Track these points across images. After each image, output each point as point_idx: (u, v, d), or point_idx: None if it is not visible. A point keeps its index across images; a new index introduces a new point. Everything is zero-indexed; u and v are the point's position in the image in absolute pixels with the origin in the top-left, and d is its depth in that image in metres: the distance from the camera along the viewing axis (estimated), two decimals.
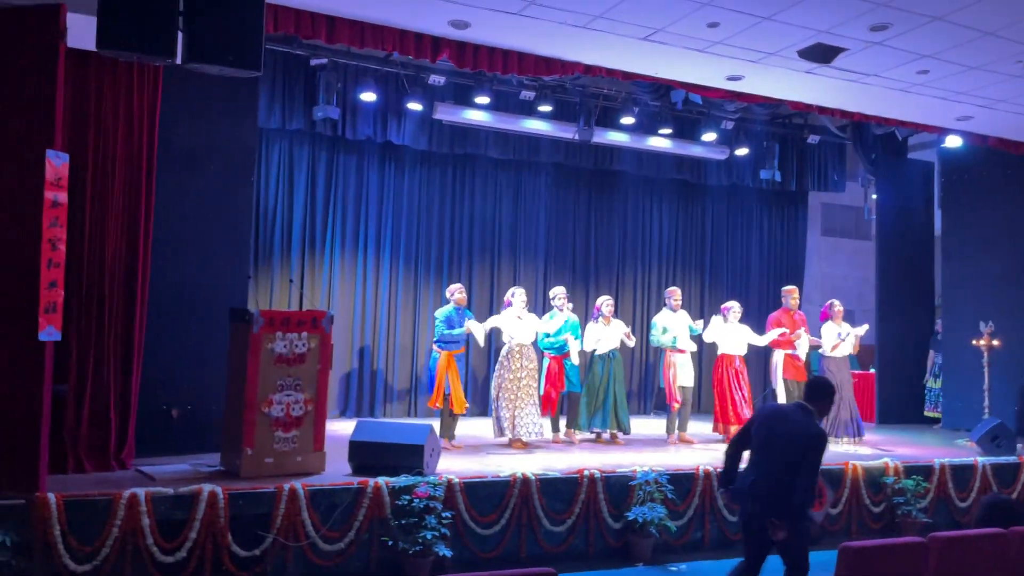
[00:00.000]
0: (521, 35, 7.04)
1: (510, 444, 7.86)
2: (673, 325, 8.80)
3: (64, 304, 5.51)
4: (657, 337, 8.88)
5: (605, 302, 8.63)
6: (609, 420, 8.39)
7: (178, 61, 4.93)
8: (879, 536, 6.71)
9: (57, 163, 5.29)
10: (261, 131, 8.74)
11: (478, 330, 7.98)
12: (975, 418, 9.50)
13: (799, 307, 9.32)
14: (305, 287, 9.72)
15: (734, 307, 9.08)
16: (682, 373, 8.76)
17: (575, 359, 8.42)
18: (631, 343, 8.72)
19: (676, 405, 8.70)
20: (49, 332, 5.27)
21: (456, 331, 7.91)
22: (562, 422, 8.52)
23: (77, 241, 6.05)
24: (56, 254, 5.31)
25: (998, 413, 9.49)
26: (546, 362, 8.46)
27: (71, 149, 5.82)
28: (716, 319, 9.11)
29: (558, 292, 8.58)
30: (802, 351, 8.95)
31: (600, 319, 8.52)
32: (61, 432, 6.00)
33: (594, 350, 8.49)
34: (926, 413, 11.33)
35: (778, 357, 9.01)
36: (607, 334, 8.47)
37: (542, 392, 8.25)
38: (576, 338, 8.41)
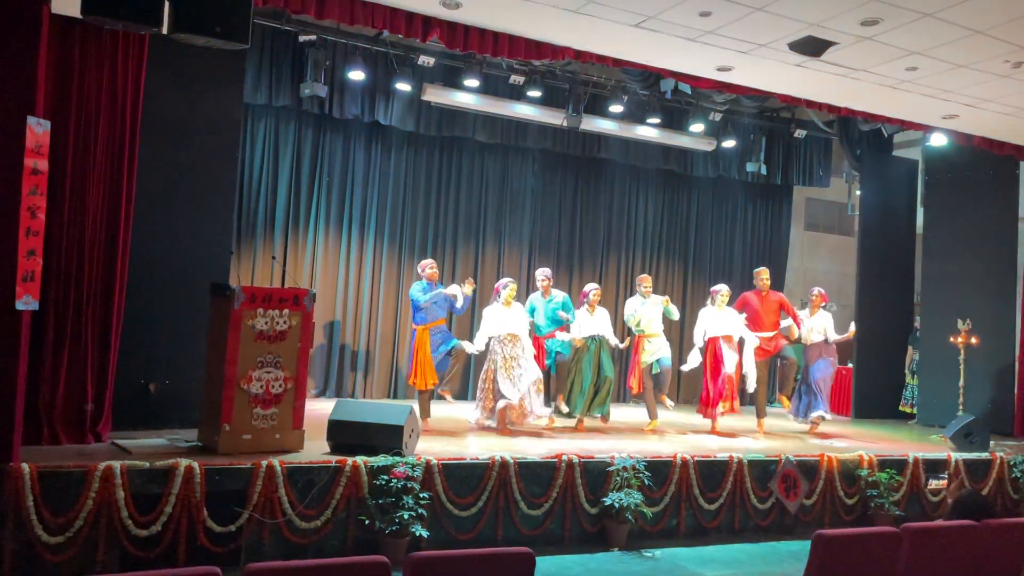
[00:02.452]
0: (513, 17, 6.99)
1: (497, 428, 7.87)
2: (641, 311, 8.87)
3: (42, 273, 5.45)
4: (629, 323, 9.01)
5: (593, 290, 8.69)
6: (595, 405, 8.42)
7: (164, 31, 4.87)
8: (851, 528, 6.79)
9: (38, 130, 5.21)
10: (247, 106, 8.66)
11: (457, 291, 8.11)
12: (950, 414, 9.60)
13: (771, 288, 9.35)
14: (288, 265, 9.67)
15: (721, 290, 9.03)
16: (648, 357, 8.82)
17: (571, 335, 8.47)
18: (618, 344, 8.81)
19: (635, 388, 8.79)
20: (26, 301, 5.21)
21: (433, 293, 7.95)
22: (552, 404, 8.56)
23: (57, 210, 5.97)
24: (35, 222, 5.24)
25: (973, 410, 9.61)
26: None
27: (53, 117, 5.74)
28: (705, 309, 9.12)
29: (544, 273, 8.64)
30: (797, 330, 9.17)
31: (586, 306, 8.57)
32: (36, 403, 5.93)
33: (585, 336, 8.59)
34: (901, 408, 11.46)
35: (750, 339, 9.00)
36: (590, 322, 8.53)
37: None
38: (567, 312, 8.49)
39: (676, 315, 9.08)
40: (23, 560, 4.96)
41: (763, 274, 9.26)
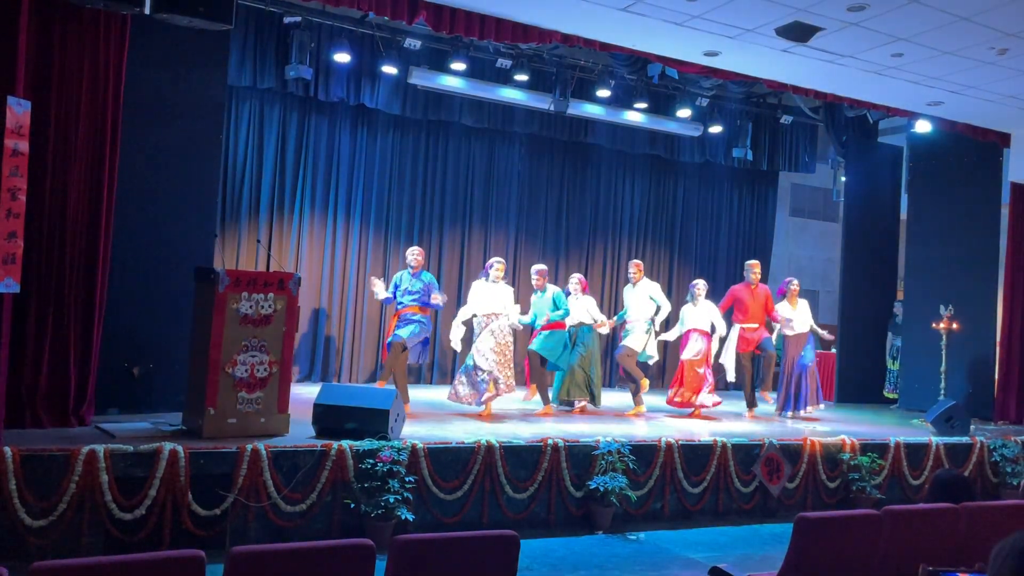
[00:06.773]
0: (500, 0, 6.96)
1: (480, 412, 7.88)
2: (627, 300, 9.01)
3: (24, 256, 5.39)
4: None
5: (575, 278, 8.82)
6: (572, 390, 8.44)
7: (146, 11, 4.82)
8: (833, 510, 6.85)
9: (18, 110, 5.15)
10: (231, 88, 8.56)
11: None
12: (932, 399, 9.70)
13: (760, 280, 9.37)
14: (272, 248, 9.61)
15: (698, 284, 9.12)
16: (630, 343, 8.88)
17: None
18: (603, 330, 8.81)
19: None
20: (8, 284, 5.16)
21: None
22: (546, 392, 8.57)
23: (38, 192, 5.89)
24: (16, 204, 5.19)
25: (954, 395, 9.71)
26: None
27: (33, 97, 5.66)
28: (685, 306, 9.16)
29: (535, 269, 8.67)
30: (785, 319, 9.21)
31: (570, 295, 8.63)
32: (19, 386, 5.89)
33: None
34: (886, 394, 11.56)
35: (733, 331, 9.06)
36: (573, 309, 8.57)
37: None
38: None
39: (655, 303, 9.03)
40: (6, 543, 4.94)
41: (756, 267, 9.25)
